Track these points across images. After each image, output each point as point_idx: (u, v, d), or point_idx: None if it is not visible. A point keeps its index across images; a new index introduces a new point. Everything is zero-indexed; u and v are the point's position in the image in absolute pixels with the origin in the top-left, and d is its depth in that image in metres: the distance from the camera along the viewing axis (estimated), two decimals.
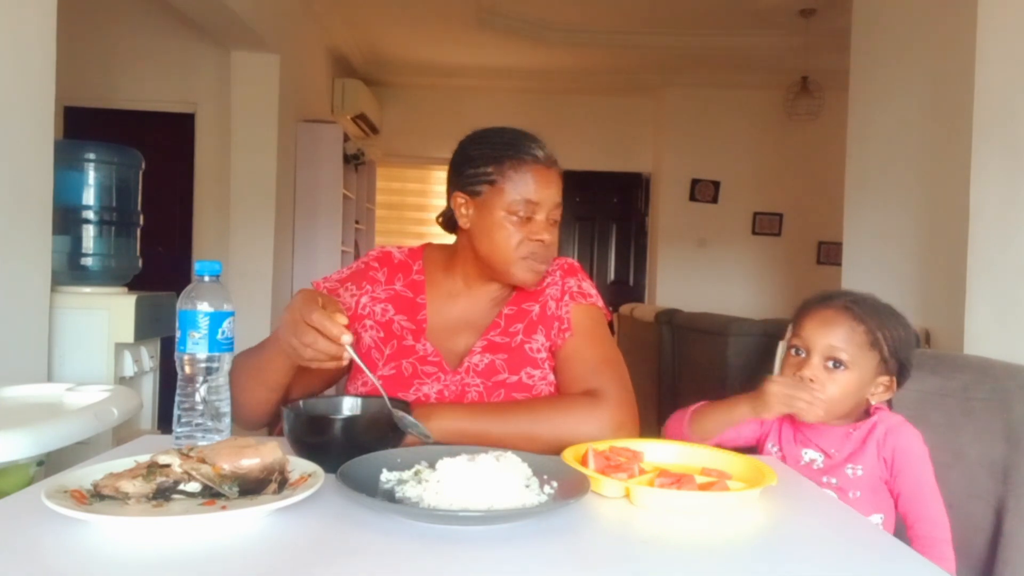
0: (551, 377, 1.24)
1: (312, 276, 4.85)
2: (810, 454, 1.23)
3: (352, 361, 1.14)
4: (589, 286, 1.31)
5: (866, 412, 1.24)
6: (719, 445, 1.13)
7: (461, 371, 1.21)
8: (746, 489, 0.90)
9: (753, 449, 1.30)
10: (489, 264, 1.23)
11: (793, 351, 1.24)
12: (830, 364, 1.18)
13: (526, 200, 1.19)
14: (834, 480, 1.20)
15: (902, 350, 1.19)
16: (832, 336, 1.18)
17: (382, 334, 1.25)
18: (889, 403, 1.25)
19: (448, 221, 1.31)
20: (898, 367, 1.20)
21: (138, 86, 4.65)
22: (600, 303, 1.31)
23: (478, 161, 1.22)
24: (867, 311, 1.20)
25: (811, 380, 1.18)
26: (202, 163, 4.68)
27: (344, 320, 0.98)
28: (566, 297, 1.27)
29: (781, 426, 1.28)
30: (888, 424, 1.20)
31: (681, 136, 6.64)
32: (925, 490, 1.17)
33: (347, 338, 0.96)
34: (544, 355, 1.24)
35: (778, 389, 1.16)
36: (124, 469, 0.81)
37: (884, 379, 1.20)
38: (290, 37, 4.70)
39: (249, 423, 1.22)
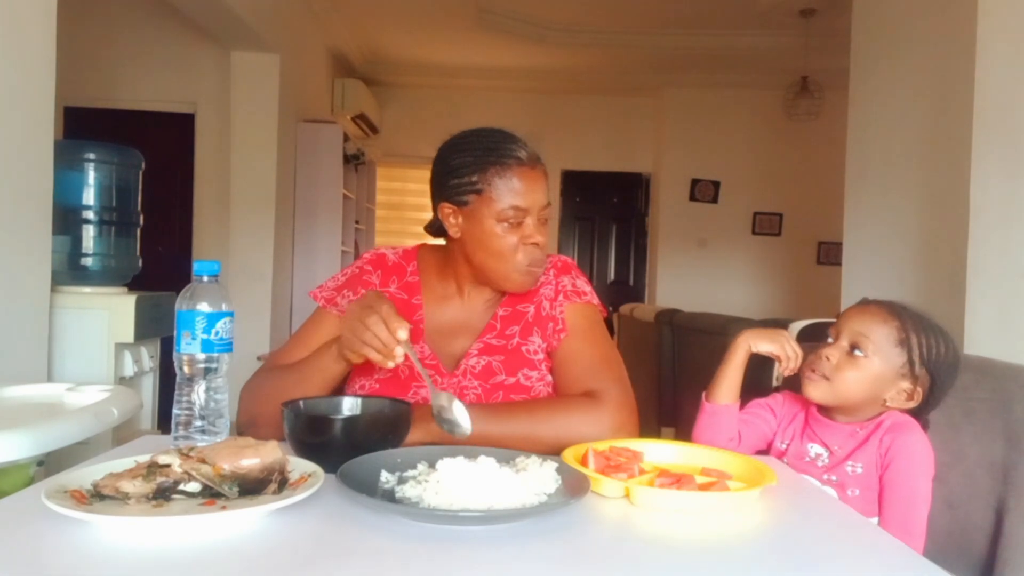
0: (549, 378, 1.23)
1: (313, 276, 4.84)
2: (815, 449, 1.23)
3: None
4: (583, 283, 1.30)
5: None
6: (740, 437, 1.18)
7: (458, 374, 1.21)
8: (746, 489, 0.90)
9: (763, 452, 1.29)
10: (484, 272, 1.22)
11: (827, 338, 1.24)
12: (855, 351, 1.18)
13: (514, 207, 1.17)
14: (834, 477, 1.19)
15: (936, 364, 1.17)
16: (862, 324, 1.19)
17: None
18: (925, 423, 1.22)
19: (437, 230, 1.28)
20: (929, 382, 1.17)
21: (138, 86, 4.65)
22: (595, 300, 1.29)
23: (461, 171, 1.20)
24: (908, 314, 1.19)
25: (827, 358, 1.18)
26: (202, 163, 4.68)
27: (405, 324, 1.01)
28: (560, 296, 1.26)
29: (792, 421, 1.28)
30: (895, 420, 1.19)
31: (681, 136, 6.64)
32: (908, 492, 1.14)
33: (403, 334, 1.00)
34: (541, 356, 1.24)
35: (755, 330, 1.24)
36: (124, 469, 0.81)
37: (906, 385, 1.17)
38: (290, 37, 4.70)
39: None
